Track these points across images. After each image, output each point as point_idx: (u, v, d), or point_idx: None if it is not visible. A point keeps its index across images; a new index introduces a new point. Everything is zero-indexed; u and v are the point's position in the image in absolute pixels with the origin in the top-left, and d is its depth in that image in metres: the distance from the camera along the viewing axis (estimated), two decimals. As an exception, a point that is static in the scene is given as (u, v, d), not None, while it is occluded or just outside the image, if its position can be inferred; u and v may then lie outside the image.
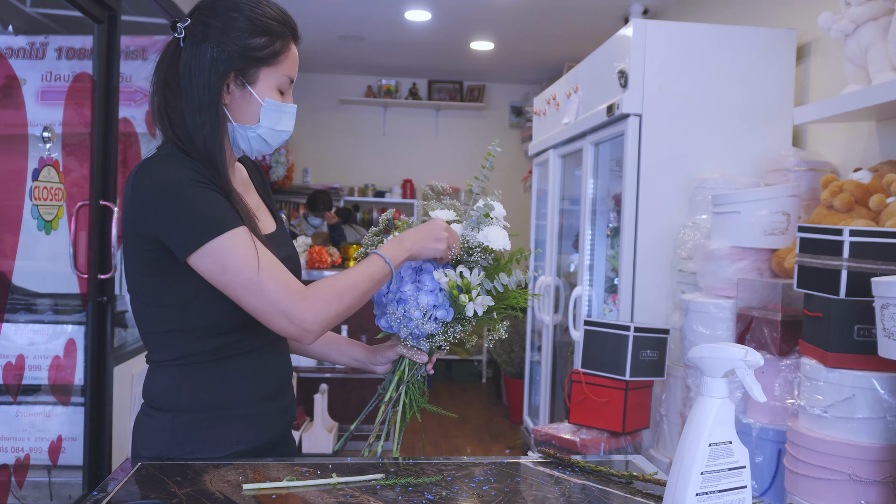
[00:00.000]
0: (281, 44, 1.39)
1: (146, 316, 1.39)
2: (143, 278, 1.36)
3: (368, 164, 7.37)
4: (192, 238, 1.28)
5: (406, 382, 1.48)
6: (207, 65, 1.34)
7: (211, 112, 1.35)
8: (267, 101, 1.39)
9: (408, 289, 1.41)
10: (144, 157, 1.38)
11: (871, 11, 2.07)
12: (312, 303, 1.32)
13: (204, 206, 1.30)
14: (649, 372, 2.49)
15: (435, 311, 1.40)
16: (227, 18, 1.35)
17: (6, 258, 2.34)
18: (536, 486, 1.30)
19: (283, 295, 1.30)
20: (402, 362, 1.49)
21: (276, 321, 1.31)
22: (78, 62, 2.67)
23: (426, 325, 1.40)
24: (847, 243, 1.71)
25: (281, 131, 1.43)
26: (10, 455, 2.40)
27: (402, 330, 1.42)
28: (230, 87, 1.38)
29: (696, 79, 2.79)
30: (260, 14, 1.37)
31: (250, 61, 1.37)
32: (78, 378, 2.65)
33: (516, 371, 5.60)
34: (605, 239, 3.37)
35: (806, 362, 1.81)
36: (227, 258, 1.29)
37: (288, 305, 1.30)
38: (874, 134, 2.48)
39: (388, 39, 5.82)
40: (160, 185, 1.30)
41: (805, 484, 1.74)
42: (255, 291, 1.29)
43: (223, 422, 1.39)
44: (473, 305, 1.40)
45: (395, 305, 1.42)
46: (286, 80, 1.41)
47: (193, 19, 1.37)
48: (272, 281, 1.30)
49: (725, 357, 0.99)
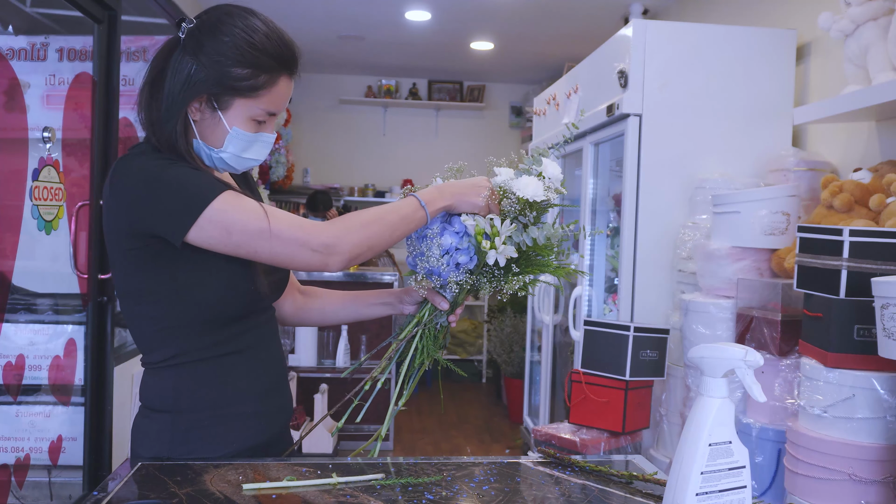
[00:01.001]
0: (266, 78, 1.33)
1: (139, 315, 1.38)
2: (132, 276, 1.35)
3: (368, 164, 7.37)
4: (186, 215, 1.27)
5: (423, 325, 1.46)
6: (184, 79, 1.32)
7: (175, 122, 1.33)
8: (235, 129, 1.35)
9: (435, 227, 1.38)
10: (120, 157, 1.38)
11: (871, 11, 2.07)
12: (332, 229, 1.31)
13: (186, 182, 1.29)
14: (649, 372, 2.49)
15: (457, 254, 1.37)
16: (217, 41, 1.31)
17: (6, 258, 2.34)
18: (536, 486, 1.30)
19: (298, 230, 1.29)
20: (425, 305, 1.47)
21: (299, 256, 1.30)
22: (80, 63, 2.67)
23: (447, 269, 1.37)
24: (847, 243, 1.71)
25: (248, 159, 1.39)
26: (10, 455, 2.40)
27: (420, 266, 1.39)
28: (202, 105, 1.34)
29: (696, 79, 2.79)
30: (252, 43, 1.32)
31: (226, 89, 1.32)
32: (78, 378, 2.65)
33: (516, 371, 5.60)
34: (605, 239, 3.38)
35: (806, 362, 1.81)
36: (227, 219, 1.27)
37: (305, 237, 1.29)
38: (874, 134, 2.48)
39: (388, 39, 5.82)
40: (139, 177, 1.30)
41: (805, 484, 1.74)
42: (267, 238, 1.28)
43: (222, 420, 1.39)
44: (495, 254, 1.36)
45: (419, 241, 1.40)
46: (262, 112, 1.36)
47: (192, 29, 1.34)
48: (281, 222, 1.29)
49: (725, 357, 0.99)
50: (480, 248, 1.36)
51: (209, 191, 1.28)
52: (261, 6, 1.48)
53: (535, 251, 1.41)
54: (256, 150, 1.39)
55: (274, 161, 6.08)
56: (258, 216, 1.28)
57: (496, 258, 1.36)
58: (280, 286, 1.53)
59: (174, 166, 1.30)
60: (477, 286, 1.40)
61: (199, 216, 1.27)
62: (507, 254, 1.37)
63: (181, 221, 1.27)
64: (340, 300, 1.66)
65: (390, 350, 1.46)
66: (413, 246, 1.43)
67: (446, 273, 1.37)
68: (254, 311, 1.44)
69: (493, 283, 1.40)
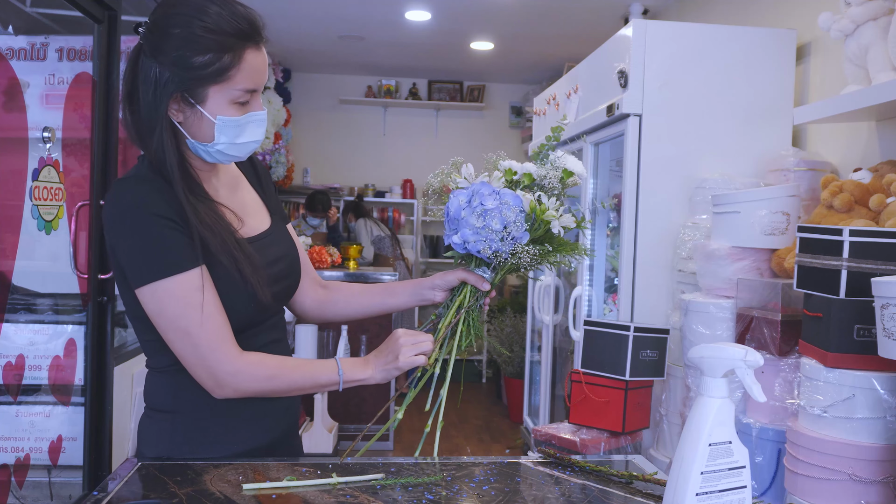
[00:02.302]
0: (231, 57, 1.27)
1: (139, 325, 1.38)
2: (129, 290, 1.34)
3: (368, 164, 7.37)
4: (139, 273, 1.27)
5: (466, 309, 1.45)
6: (152, 84, 1.27)
7: (158, 131, 1.29)
8: (220, 118, 1.30)
9: (491, 202, 1.38)
10: (119, 177, 1.36)
11: (871, 11, 2.07)
12: (239, 369, 1.30)
13: (157, 242, 1.27)
14: (649, 372, 2.49)
15: (515, 228, 1.38)
16: (169, 36, 1.26)
17: (6, 258, 2.34)
18: (536, 486, 1.30)
19: (213, 352, 1.28)
20: (463, 289, 1.47)
21: (197, 371, 1.30)
22: (79, 63, 2.67)
23: (506, 243, 1.38)
24: (847, 243, 1.70)
25: (245, 143, 1.35)
26: (10, 455, 2.40)
27: (482, 244, 1.39)
28: (180, 104, 1.30)
29: (696, 79, 2.78)
30: (207, 28, 1.26)
31: (195, 81, 1.27)
32: (78, 378, 2.65)
33: (516, 371, 5.60)
34: (605, 239, 3.37)
35: (806, 362, 1.80)
36: (166, 302, 1.27)
37: (213, 363, 1.29)
38: (874, 134, 2.48)
39: (388, 39, 5.82)
40: (120, 211, 1.28)
41: (805, 484, 1.74)
42: (185, 340, 1.28)
43: (223, 422, 1.38)
44: (558, 223, 1.41)
45: (476, 217, 1.39)
46: (242, 92, 1.30)
47: (144, 32, 1.29)
48: (205, 335, 1.28)
49: (725, 357, 0.99)
50: (544, 217, 1.40)
51: (173, 264, 1.27)
52: (261, 6, 1.47)
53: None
54: (251, 132, 1.34)
55: (274, 161, 6.08)
56: (190, 316, 1.27)
57: (558, 228, 1.42)
58: (287, 294, 1.51)
59: (155, 220, 1.27)
60: (519, 264, 1.41)
61: (149, 283, 1.27)
62: (566, 223, 1.42)
63: (134, 276, 1.28)
64: (367, 292, 1.62)
65: (437, 339, 1.44)
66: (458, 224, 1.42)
67: (502, 248, 1.38)
68: (258, 321, 1.41)
69: (533, 260, 1.42)
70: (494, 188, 1.41)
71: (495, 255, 1.39)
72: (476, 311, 1.47)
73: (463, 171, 1.50)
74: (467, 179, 1.48)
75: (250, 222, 1.43)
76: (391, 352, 1.39)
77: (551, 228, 1.42)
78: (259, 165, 1.57)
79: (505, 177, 1.48)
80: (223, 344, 1.29)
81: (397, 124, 7.43)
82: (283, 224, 1.54)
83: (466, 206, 1.40)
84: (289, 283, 1.49)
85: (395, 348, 1.39)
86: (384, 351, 1.41)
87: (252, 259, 1.34)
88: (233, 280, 1.32)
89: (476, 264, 1.46)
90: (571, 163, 1.48)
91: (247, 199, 1.49)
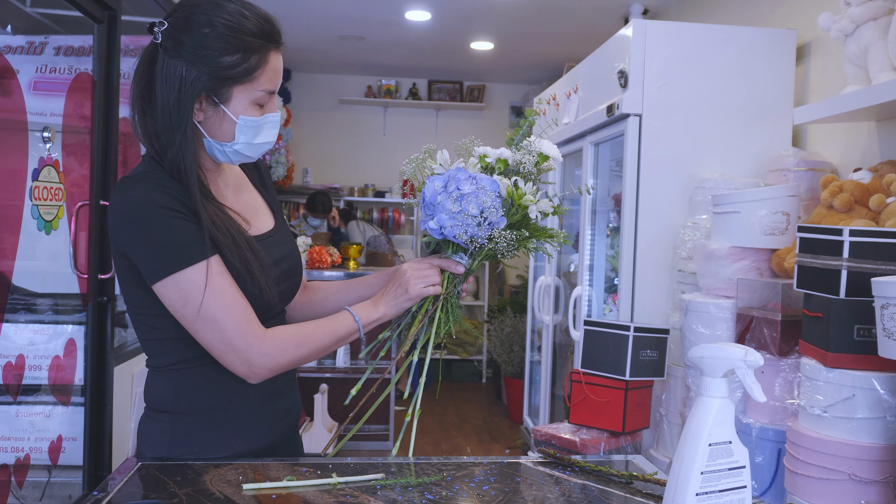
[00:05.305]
0: (257, 58, 1.31)
1: (140, 324, 1.38)
2: (132, 289, 1.35)
3: (368, 164, 7.37)
4: (158, 267, 1.27)
5: (443, 296, 1.45)
6: (178, 84, 1.28)
7: (181, 131, 1.30)
8: (242, 118, 1.33)
9: (467, 187, 1.38)
10: (123, 176, 1.37)
11: (871, 11, 2.07)
12: (269, 348, 1.32)
13: (172, 234, 1.27)
14: (649, 372, 2.49)
15: (491, 213, 1.38)
16: (199, 35, 1.28)
17: (6, 258, 2.34)
18: (536, 486, 1.30)
19: (242, 336, 1.30)
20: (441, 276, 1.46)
21: (228, 359, 1.31)
22: (76, 59, 2.66)
23: (480, 229, 1.38)
24: (847, 243, 1.70)
25: (261, 144, 1.37)
26: (10, 455, 2.40)
27: (458, 228, 1.38)
28: (203, 104, 1.32)
29: (696, 79, 2.78)
30: (235, 28, 1.29)
31: (222, 81, 1.29)
32: (78, 378, 2.65)
33: (516, 371, 5.60)
34: (605, 239, 3.37)
35: (806, 362, 1.81)
36: (190, 292, 1.27)
37: (244, 347, 1.30)
38: (874, 134, 2.48)
39: (388, 39, 5.82)
40: (130, 208, 1.28)
41: (805, 484, 1.74)
42: (213, 328, 1.29)
43: (223, 423, 1.38)
44: (535, 208, 1.42)
45: (453, 202, 1.38)
46: (263, 94, 1.33)
47: (167, 30, 1.30)
48: (231, 319, 1.29)
49: (725, 357, 0.99)
50: (522, 202, 1.40)
51: (191, 254, 1.28)
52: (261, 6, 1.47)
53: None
54: (266, 133, 1.37)
55: (274, 161, 6.08)
56: (216, 303, 1.28)
57: (535, 213, 1.42)
58: (291, 292, 1.51)
59: (167, 213, 1.28)
60: (496, 249, 1.41)
61: (171, 275, 1.27)
62: (542, 209, 1.42)
63: (153, 271, 1.28)
64: (344, 288, 1.63)
65: (414, 327, 1.44)
66: (435, 209, 1.41)
67: (478, 233, 1.38)
68: (262, 321, 1.41)
69: (510, 245, 1.41)
70: (471, 173, 1.40)
71: (472, 240, 1.39)
72: (454, 297, 1.47)
73: (438, 158, 1.49)
74: (443, 166, 1.48)
75: (255, 222, 1.45)
76: (400, 286, 1.42)
77: (528, 213, 1.42)
78: (262, 165, 1.58)
79: (480, 163, 1.47)
80: (250, 326, 1.31)
81: (397, 124, 7.43)
82: (285, 225, 1.55)
83: (442, 191, 1.39)
84: (293, 281, 1.50)
85: (403, 282, 1.42)
86: (392, 286, 1.43)
87: (261, 259, 1.36)
88: (241, 279, 1.33)
89: (454, 250, 1.45)
90: (546, 147, 1.47)
91: (251, 199, 1.50)
